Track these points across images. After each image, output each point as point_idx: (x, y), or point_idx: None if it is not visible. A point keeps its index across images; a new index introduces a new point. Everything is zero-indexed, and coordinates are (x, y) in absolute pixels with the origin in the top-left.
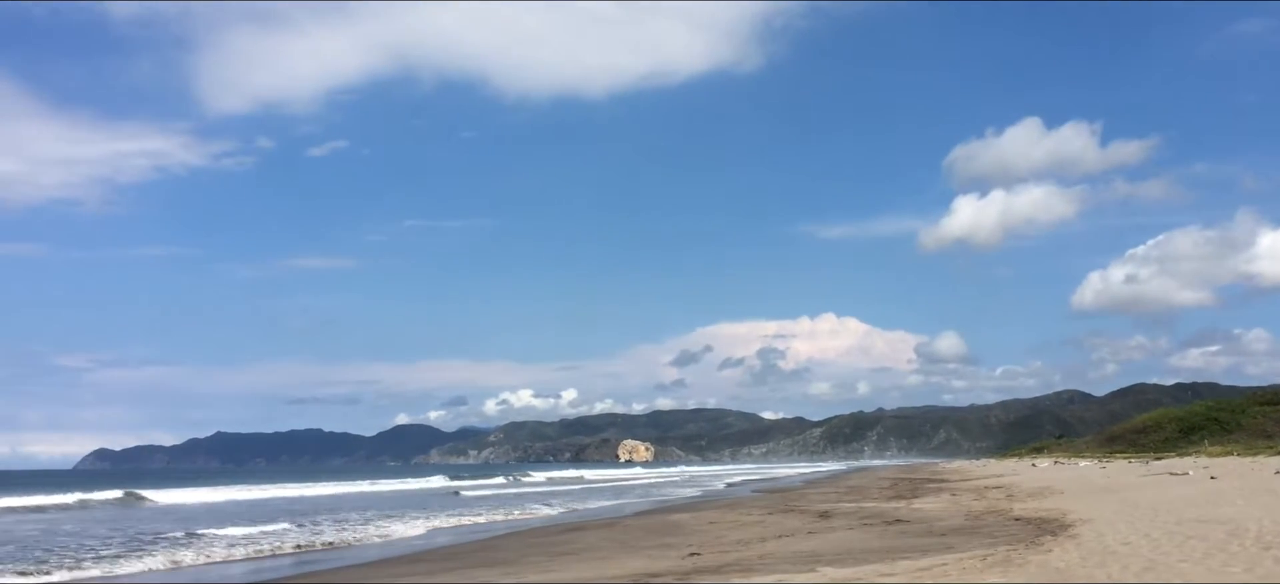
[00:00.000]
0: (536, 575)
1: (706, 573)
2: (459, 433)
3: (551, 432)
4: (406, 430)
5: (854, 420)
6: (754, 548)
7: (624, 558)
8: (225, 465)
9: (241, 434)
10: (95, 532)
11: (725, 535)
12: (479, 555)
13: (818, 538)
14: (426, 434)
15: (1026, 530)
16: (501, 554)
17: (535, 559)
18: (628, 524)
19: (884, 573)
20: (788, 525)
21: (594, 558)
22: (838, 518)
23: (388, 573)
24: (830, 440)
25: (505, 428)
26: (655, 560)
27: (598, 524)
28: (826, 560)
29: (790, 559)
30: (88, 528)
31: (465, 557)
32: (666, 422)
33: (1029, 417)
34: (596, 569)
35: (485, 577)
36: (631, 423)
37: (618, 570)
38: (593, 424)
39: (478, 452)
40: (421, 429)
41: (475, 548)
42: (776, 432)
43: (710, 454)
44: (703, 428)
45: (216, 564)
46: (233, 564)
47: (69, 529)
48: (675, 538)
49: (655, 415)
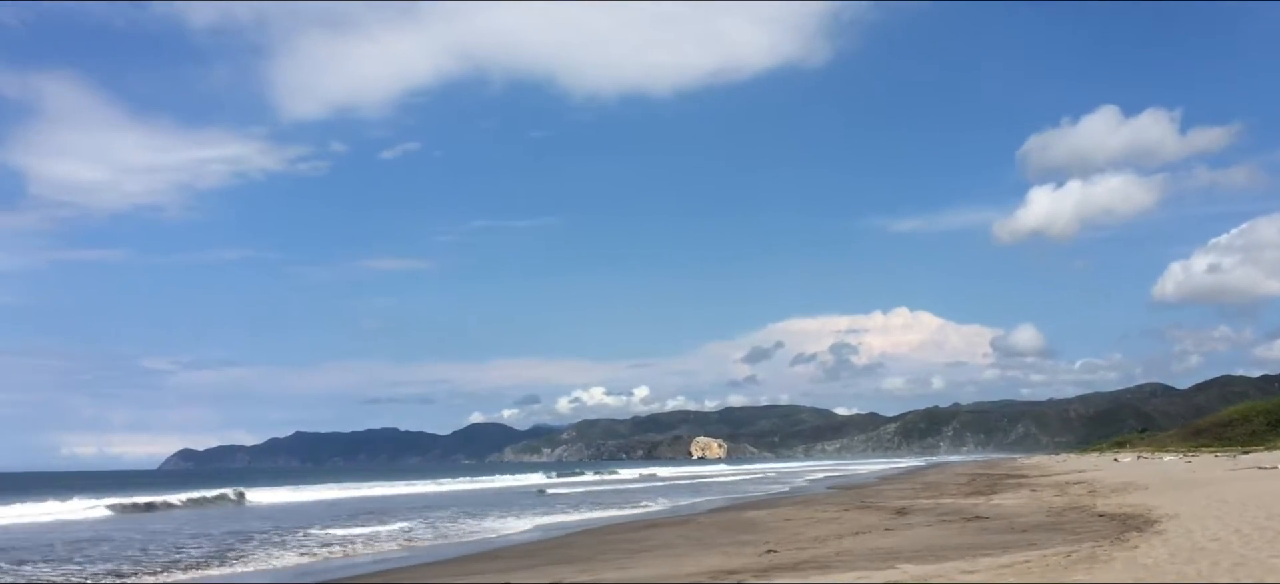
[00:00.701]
0: (612, 573)
1: (783, 570)
2: (532, 431)
3: (624, 429)
4: (480, 429)
5: (929, 415)
6: (830, 545)
7: (699, 555)
8: (304, 464)
9: (320, 434)
10: (231, 528)
11: (801, 532)
12: (555, 552)
13: (895, 535)
14: (500, 433)
15: (1111, 527)
16: (577, 551)
17: (610, 556)
18: (702, 521)
19: (965, 570)
20: (864, 522)
21: (669, 555)
22: (915, 514)
23: (466, 570)
24: (905, 436)
25: (578, 426)
26: (731, 558)
27: (672, 521)
28: (905, 557)
29: (868, 556)
30: (215, 525)
31: (542, 554)
32: (738, 418)
33: (1110, 410)
34: (672, 566)
35: (561, 574)
36: (703, 420)
37: (693, 568)
38: (665, 421)
39: (551, 450)
40: (495, 428)
41: (551, 545)
42: (850, 427)
43: (783, 451)
44: (775, 424)
45: (366, 558)
46: (386, 555)
47: (193, 528)
48: (750, 535)
49: (727, 412)
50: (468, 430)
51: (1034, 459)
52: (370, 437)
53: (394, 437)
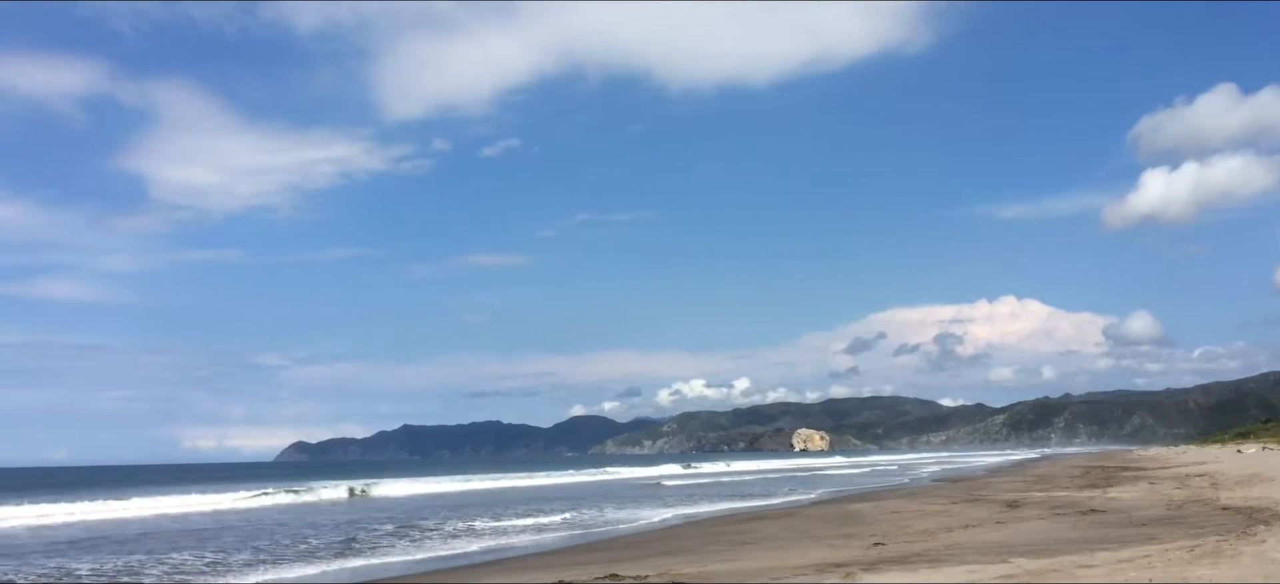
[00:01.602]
0: (719, 564)
1: (892, 564)
2: (633, 424)
3: (724, 421)
4: (582, 422)
5: (1038, 407)
6: (940, 538)
7: (805, 547)
8: (412, 456)
9: (426, 427)
10: (419, 512)
11: (909, 525)
12: (662, 544)
13: (1007, 528)
14: (601, 425)
15: (1236, 520)
16: (684, 543)
17: (716, 548)
18: (807, 513)
19: (1082, 564)
20: (974, 515)
21: (775, 547)
22: (1027, 507)
23: (574, 560)
24: (1013, 427)
25: (678, 418)
26: (838, 550)
27: (777, 514)
28: (1018, 551)
29: (979, 549)
30: (372, 518)
31: (645, 545)
32: (841, 410)
33: (1232, 400)
34: (778, 558)
35: (669, 565)
36: (805, 411)
37: (800, 560)
38: (766, 413)
39: (652, 442)
40: (596, 420)
41: (658, 536)
42: (956, 419)
43: (887, 442)
44: (878, 416)
45: (534, 549)
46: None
47: (346, 519)
48: (857, 527)
49: (829, 404)
50: (569, 423)
51: (1151, 451)
52: (475, 429)
53: (498, 429)
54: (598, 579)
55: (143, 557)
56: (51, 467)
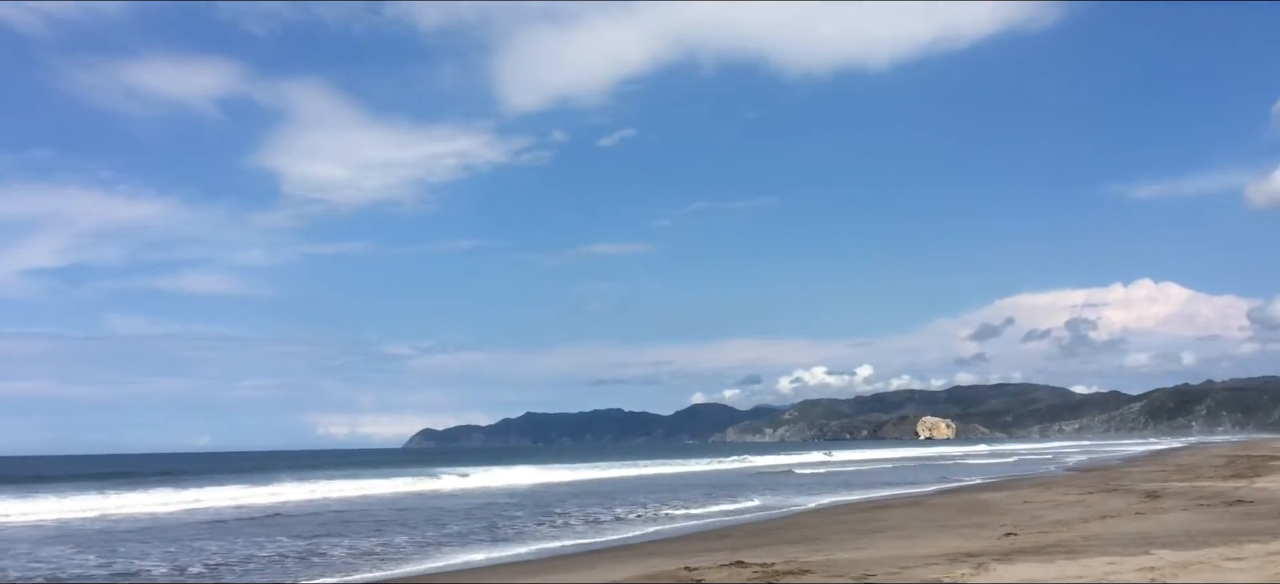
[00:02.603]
0: (845, 552)
1: (1026, 554)
2: (754, 411)
3: (847, 409)
4: (702, 409)
5: (1178, 394)
6: (1076, 528)
7: (934, 536)
8: (535, 443)
9: (549, 414)
10: (600, 497)
11: (1042, 515)
12: (785, 532)
13: (1147, 519)
14: (722, 413)
15: None
16: (809, 531)
17: (841, 536)
18: (934, 502)
19: (1229, 556)
20: (1111, 506)
21: (902, 536)
22: (1168, 498)
23: (695, 547)
24: (1151, 415)
25: (799, 406)
26: (968, 539)
27: (902, 502)
28: (1160, 543)
29: (1118, 540)
30: (506, 505)
31: (773, 533)
32: (968, 397)
33: None
34: (906, 547)
35: (794, 553)
36: (930, 399)
37: (928, 549)
38: (889, 401)
39: (773, 430)
40: (717, 408)
41: (782, 524)
42: (1089, 407)
43: (1016, 431)
44: (1007, 403)
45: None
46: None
47: (479, 505)
48: (987, 517)
49: (955, 391)
50: (690, 411)
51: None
52: (596, 417)
53: (619, 417)
54: (722, 565)
55: (319, 539)
56: (195, 453)
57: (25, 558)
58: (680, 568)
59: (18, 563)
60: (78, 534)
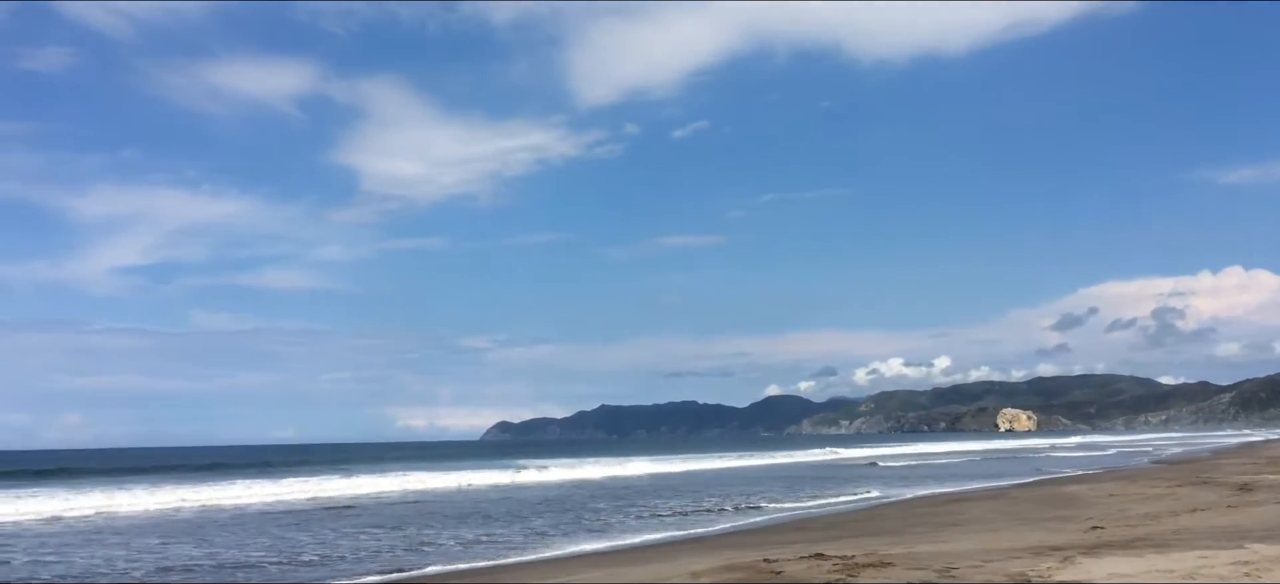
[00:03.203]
0: (926, 545)
1: (1114, 548)
2: (829, 403)
3: (924, 400)
4: (777, 402)
5: (1270, 384)
6: (1165, 522)
7: (1016, 530)
8: (610, 436)
9: (623, 407)
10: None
11: (1129, 509)
12: (864, 524)
13: (1239, 512)
14: (797, 405)
15: None
16: (888, 523)
17: (922, 529)
18: (1015, 495)
19: None
20: (1201, 499)
21: (983, 529)
22: (1261, 491)
23: (771, 539)
24: (1242, 407)
25: (876, 397)
26: (1053, 533)
27: (983, 495)
28: (1254, 537)
29: (1210, 535)
30: (587, 497)
31: (851, 525)
32: (1049, 389)
33: None
34: (988, 540)
35: (870, 545)
36: (1010, 390)
37: (1012, 542)
38: (968, 392)
39: (849, 422)
40: (792, 400)
41: (860, 516)
42: (1176, 398)
43: (1100, 423)
44: (1090, 395)
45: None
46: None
47: (559, 497)
48: (1071, 510)
49: (1036, 382)
50: (765, 403)
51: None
52: (671, 410)
53: (693, 409)
54: (801, 557)
55: (424, 530)
56: (279, 445)
57: (124, 548)
58: (759, 560)
59: (120, 553)
60: (169, 525)
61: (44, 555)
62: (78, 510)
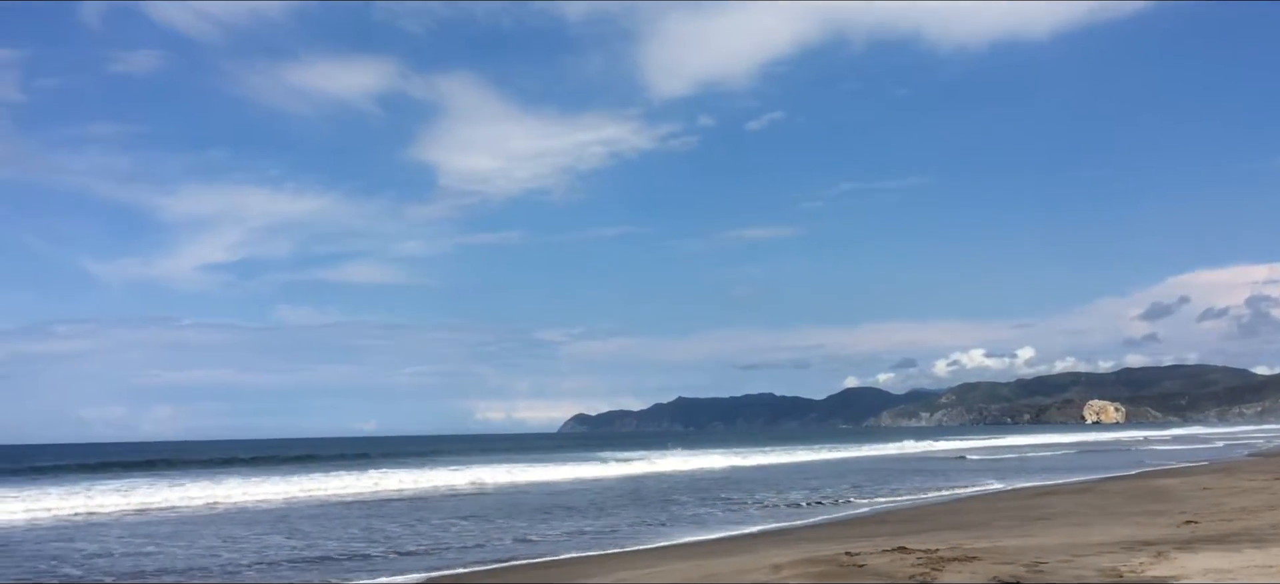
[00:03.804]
0: (1012, 539)
1: (1208, 542)
2: (909, 395)
3: (1007, 392)
4: (856, 393)
5: None
6: (1263, 517)
7: (1105, 524)
8: (687, 428)
9: (700, 399)
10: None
11: (1224, 503)
12: (946, 517)
13: None
14: (876, 397)
15: None
16: (972, 516)
17: (1007, 522)
18: (1104, 489)
19: None
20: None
21: (1072, 523)
22: None
23: (853, 532)
24: None
25: (957, 389)
26: (1143, 527)
27: (1071, 489)
28: None
29: None
30: (669, 489)
31: (933, 518)
32: (1137, 380)
33: None
34: (1077, 535)
35: (954, 539)
36: (1097, 381)
37: (1102, 537)
38: (1053, 383)
39: (929, 414)
40: (871, 392)
41: (943, 509)
42: (1273, 388)
43: (1191, 414)
44: (1181, 386)
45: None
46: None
47: (640, 489)
48: (1162, 504)
49: (1124, 373)
50: (843, 395)
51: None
52: (747, 402)
53: (770, 401)
54: (884, 551)
55: (535, 519)
56: (363, 437)
57: (216, 538)
58: (840, 553)
59: (215, 543)
60: (260, 515)
61: (142, 546)
62: (166, 501)
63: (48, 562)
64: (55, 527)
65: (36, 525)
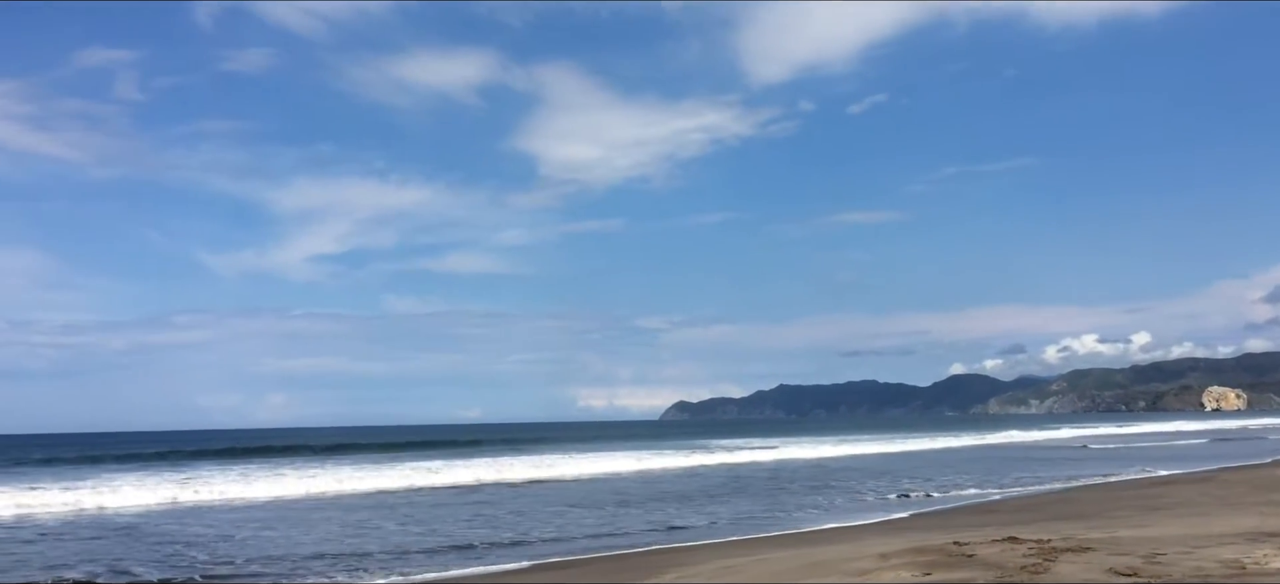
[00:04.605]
0: (1128, 529)
1: None
2: (1017, 382)
3: (1121, 379)
4: (962, 380)
5: None
6: None
7: (1227, 515)
8: (789, 416)
9: (802, 386)
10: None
11: None
12: (1057, 507)
13: None
14: (983, 384)
15: None
16: (1085, 506)
17: (1122, 513)
18: (1226, 478)
19: None
20: None
21: (1191, 513)
22: None
23: (974, 519)
24: None
25: (1068, 376)
26: (1268, 518)
27: (1189, 479)
28: None
29: None
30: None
31: (1045, 508)
32: (1260, 365)
33: None
34: (1197, 526)
35: (1068, 529)
36: (1217, 367)
37: (1223, 527)
38: (1169, 370)
39: (1039, 401)
40: (978, 379)
41: (1055, 499)
42: None
43: None
44: None
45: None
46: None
47: (739, 478)
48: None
49: (1246, 359)
50: (949, 382)
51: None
52: (850, 389)
53: (873, 388)
54: (994, 541)
55: (663, 506)
56: (467, 424)
57: (337, 524)
58: (949, 543)
59: (335, 529)
60: (376, 501)
61: (262, 532)
62: (286, 490)
63: (175, 545)
64: (185, 512)
65: (158, 512)
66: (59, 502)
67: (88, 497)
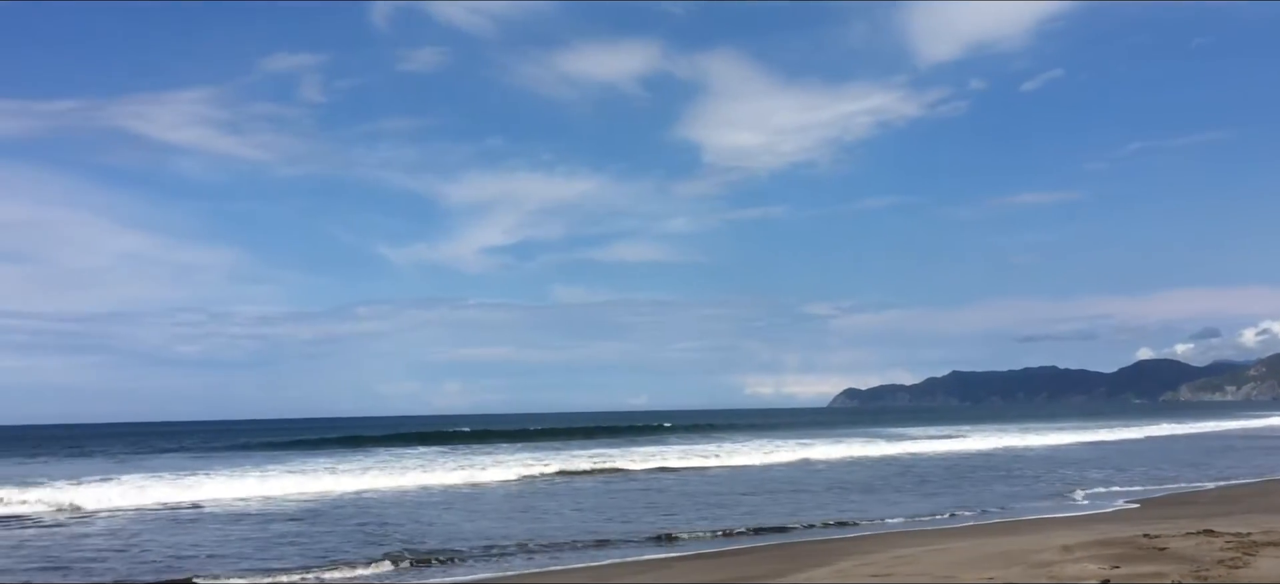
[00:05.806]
0: None
1: None
2: (1211, 367)
3: None
4: (1149, 366)
5: None
6: None
7: None
8: (962, 403)
9: (976, 373)
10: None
11: None
12: (1258, 500)
13: None
14: (1172, 369)
15: None
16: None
17: None
18: None
19: None
20: None
21: None
22: None
23: (1167, 511)
24: None
25: (1268, 361)
26: None
27: None
28: None
29: None
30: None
31: (1242, 501)
32: None
33: None
34: None
35: (1269, 523)
36: None
37: None
38: None
39: (1235, 388)
40: (1166, 364)
41: (1251, 492)
42: None
43: None
44: None
45: None
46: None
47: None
48: None
49: None
50: (1135, 367)
51: None
52: (1027, 375)
53: (1053, 375)
54: (1188, 533)
55: (797, 495)
56: (633, 411)
57: (519, 508)
58: (1139, 535)
59: (522, 512)
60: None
61: (444, 515)
62: (471, 477)
63: (374, 527)
64: (382, 498)
65: (350, 498)
66: (296, 488)
67: (310, 482)
